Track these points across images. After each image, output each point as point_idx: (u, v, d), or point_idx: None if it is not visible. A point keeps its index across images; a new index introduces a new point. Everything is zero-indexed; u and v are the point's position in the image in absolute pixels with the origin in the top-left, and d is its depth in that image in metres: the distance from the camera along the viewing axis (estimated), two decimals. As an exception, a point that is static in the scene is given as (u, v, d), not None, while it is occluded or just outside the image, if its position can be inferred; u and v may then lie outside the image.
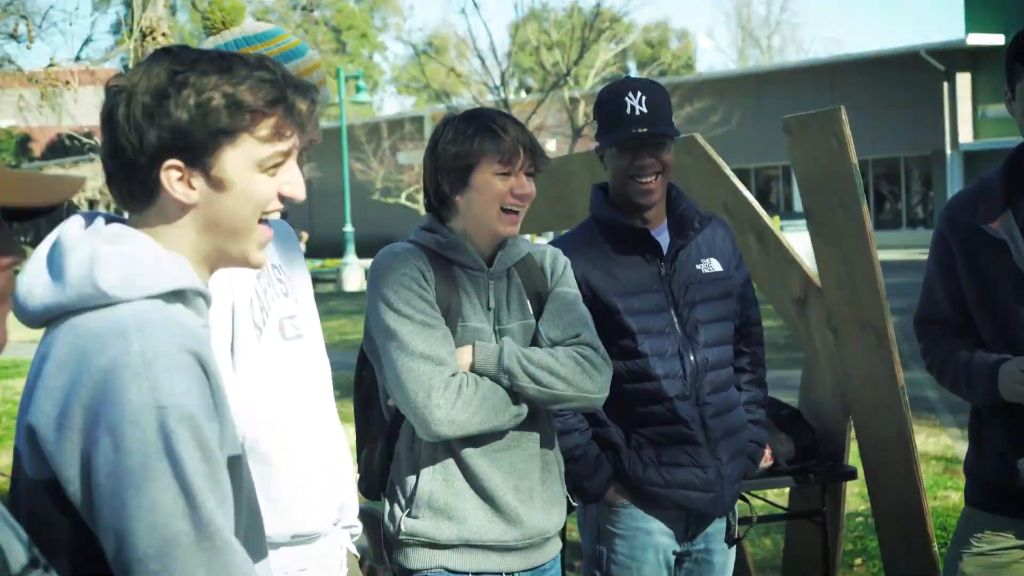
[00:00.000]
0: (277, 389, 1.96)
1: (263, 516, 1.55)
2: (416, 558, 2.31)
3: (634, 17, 33.42)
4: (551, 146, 22.42)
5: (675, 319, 2.73)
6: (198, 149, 1.38)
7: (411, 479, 2.31)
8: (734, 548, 2.92)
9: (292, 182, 1.44)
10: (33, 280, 1.42)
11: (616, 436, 2.72)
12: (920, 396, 7.05)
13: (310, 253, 19.15)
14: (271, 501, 1.81)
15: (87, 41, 6.95)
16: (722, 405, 2.76)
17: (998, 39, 20.33)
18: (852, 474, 3.74)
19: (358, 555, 2.34)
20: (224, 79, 1.38)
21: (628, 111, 2.67)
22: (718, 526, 2.84)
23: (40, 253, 1.46)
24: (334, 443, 2.14)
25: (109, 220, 1.46)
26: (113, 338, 1.33)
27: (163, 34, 5.66)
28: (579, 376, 2.31)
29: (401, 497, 2.33)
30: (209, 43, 2.12)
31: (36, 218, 1.15)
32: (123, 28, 6.28)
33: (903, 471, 3.45)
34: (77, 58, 7.51)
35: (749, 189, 3.85)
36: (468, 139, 2.26)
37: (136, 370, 1.30)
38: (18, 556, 1.09)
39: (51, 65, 6.62)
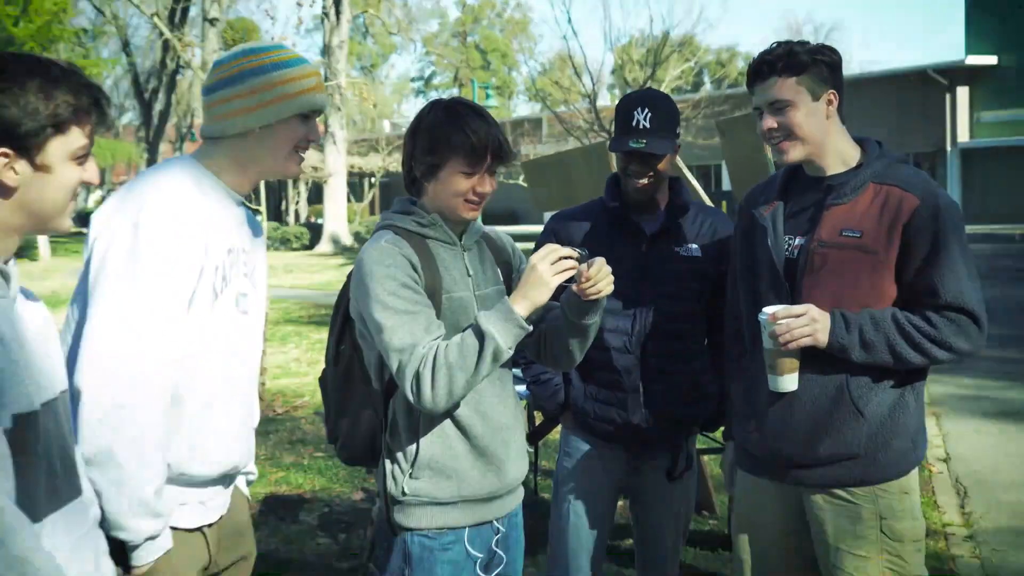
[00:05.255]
0: (217, 347, 2.04)
1: (192, 452, 1.86)
2: (420, 515, 2.25)
3: (708, 42, 42.47)
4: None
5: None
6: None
7: (411, 444, 2.23)
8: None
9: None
10: None
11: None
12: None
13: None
14: (183, 439, 1.98)
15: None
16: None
17: (992, 59, 24.33)
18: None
19: (249, 498, 2.39)
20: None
21: (633, 123, 2.84)
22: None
23: None
24: (249, 408, 2.23)
25: None
26: None
27: None
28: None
29: (402, 460, 2.25)
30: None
31: None
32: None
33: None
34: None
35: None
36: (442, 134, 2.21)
37: None
38: None
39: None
